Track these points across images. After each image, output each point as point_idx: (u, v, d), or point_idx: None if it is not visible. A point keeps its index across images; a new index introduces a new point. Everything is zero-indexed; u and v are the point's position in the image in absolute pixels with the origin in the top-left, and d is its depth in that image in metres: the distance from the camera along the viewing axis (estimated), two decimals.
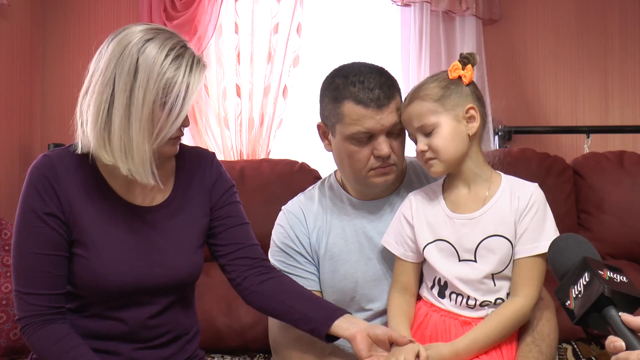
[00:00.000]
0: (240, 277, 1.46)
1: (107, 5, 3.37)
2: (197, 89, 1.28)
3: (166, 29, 1.32)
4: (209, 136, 3.29)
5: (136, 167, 1.27)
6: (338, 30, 3.42)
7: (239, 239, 1.48)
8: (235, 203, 1.50)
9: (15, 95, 3.09)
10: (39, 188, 1.31)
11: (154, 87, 1.23)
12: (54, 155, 1.35)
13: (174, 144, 1.36)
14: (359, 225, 1.53)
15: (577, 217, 2.16)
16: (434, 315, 1.39)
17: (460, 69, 1.38)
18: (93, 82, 1.27)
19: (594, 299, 0.93)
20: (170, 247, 1.39)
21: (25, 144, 3.16)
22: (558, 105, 3.43)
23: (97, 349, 1.35)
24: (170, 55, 1.25)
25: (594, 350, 1.95)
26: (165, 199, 1.42)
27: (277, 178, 2.18)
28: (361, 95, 1.40)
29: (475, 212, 1.36)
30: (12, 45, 3.08)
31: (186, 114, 1.30)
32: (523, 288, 1.33)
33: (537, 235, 1.33)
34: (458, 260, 1.36)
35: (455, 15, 3.33)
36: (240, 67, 3.28)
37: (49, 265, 1.32)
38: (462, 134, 1.36)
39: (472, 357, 1.31)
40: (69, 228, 1.33)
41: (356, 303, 1.53)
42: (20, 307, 1.32)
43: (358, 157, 1.43)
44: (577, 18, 3.42)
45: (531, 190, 1.37)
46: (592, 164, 2.22)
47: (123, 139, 1.25)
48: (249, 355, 2.00)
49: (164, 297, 1.40)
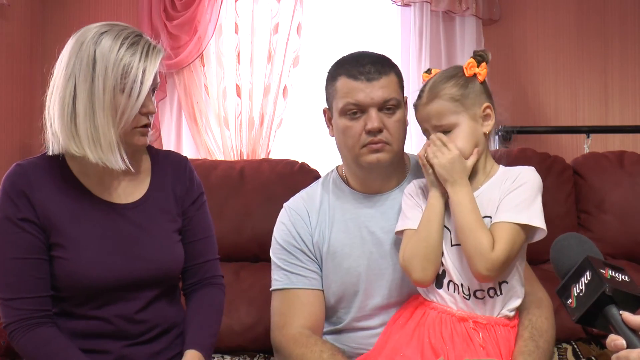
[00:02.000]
0: (188, 289, 1.53)
1: (107, 5, 3.38)
2: (154, 72, 1.33)
3: (121, 23, 1.38)
4: (209, 136, 3.30)
5: (105, 153, 1.31)
6: (338, 30, 3.43)
7: (195, 253, 1.52)
8: (201, 213, 1.53)
9: (15, 95, 3.09)
10: (12, 196, 1.33)
11: (112, 74, 1.29)
12: (26, 164, 1.38)
13: (142, 134, 1.38)
14: (361, 220, 1.53)
15: (577, 217, 2.16)
16: (431, 313, 1.40)
17: (476, 67, 1.39)
18: (56, 81, 1.34)
19: (595, 297, 0.94)
20: (149, 241, 1.42)
21: (25, 144, 3.16)
22: (558, 105, 3.44)
23: (87, 349, 1.35)
24: (124, 43, 1.31)
25: (594, 350, 1.95)
26: (141, 196, 1.44)
27: (277, 178, 2.18)
28: (353, 70, 1.45)
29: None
30: (12, 45, 3.08)
31: (151, 99, 1.36)
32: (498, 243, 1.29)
33: (520, 208, 1.31)
34: (451, 245, 1.37)
35: (455, 15, 3.33)
36: (240, 67, 3.29)
37: (29, 269, 1.33)
38: (478, 133, 1.38)
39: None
40: (45, 232, 1.35)
41: (359, 298, 1.53)
42: (6, 313, 1.33)
43: (351, 133, 1.46)
44: (577, 18, 3.42)
45: (521, 169, 1.38)
46: (592, 164, 2.22)
47: (89, 128, 1.30)
48: (248, 355, 2.00)
49: (147, 290, 1.41)
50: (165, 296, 1.45)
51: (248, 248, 2.12)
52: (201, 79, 3.31)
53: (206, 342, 1.44)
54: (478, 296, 1.36)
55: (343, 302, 1.54)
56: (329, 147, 1.63)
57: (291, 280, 1.54)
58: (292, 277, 1.54)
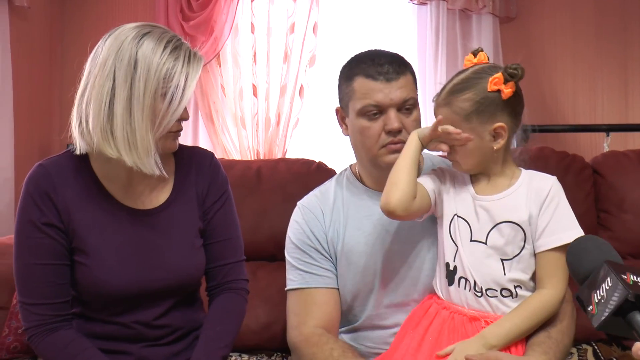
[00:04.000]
0: (209, 293, 1.51)
1: (124, 6, 3.40)
2: (196, 79, 1.30)
3: (158, 25, 1.35)
4: (225, 136, 3.31)
5: (141, 158, 1.28)
6: (354, 29, 3.42)
7: (214, 256, 1.49)
8: (223, 213, 1.50)
9: (34, 95, 3.13)
10: (35, 199, 1.31)
11: (154, 77, 1.25)
12: (48, 164, 1.35)
13: (175, 138, 1.37)
14: (376, 217, 1.53)
15: (596, 216, 2.14)
16: (442, 312, 1.39)
17: (502, 83, 1.31)
18: (91, 79, 1.28)
19: (617, 303, 0.90)
20: (170, 249, 1.39)
21: (44, 143, 3.19)
22: (576, 103, 3.40)
23: (107, 350, 1.35)
24: (168, 47, 1.28)
25: (615, 352, 1.92)
26: (164, 201, 1.42)
27: (294, 178, 2.18)
28: (370, 70, 1.45)
29: (494, 195, 1.37)
30: (32, 46, 3.11)
31: (185, 105, 1.31)
32: (550, 279, 1.33)
33: (559, 227, 1.32)
34: (470, 240, 1.37)
35: (472, 13, 3.31)
36: (257, 66, 3.29)
37: (50, 275, 1.32)
38: (484, 149, 1.35)
39: (503, 348, 1.31)
40: (68, 236, 1.33)
41: (374, 296, 1.53)
42: (26, 317, 1.33)
43: (369, 133, 1.45)
44: (596, 13, 3.37)
45: (550, 183, 1.36)
46: (612, 162, 2.20)
47: (126, 130, 1.26)
48: (265, 354, 2.00)
49: (167, 299, 1.40)
50: (184, 302, 1.45)
51: (265, 248, 2.13)
52: (218, 79, 3.32)
53: (216, 356, 1.40)
54: (490, 295, 1.35)
55: (358, 300, 1.54)
56: (346, 147, 1.63)
57: (306, 279, 1.54)
58: (307, 277, 1.54)
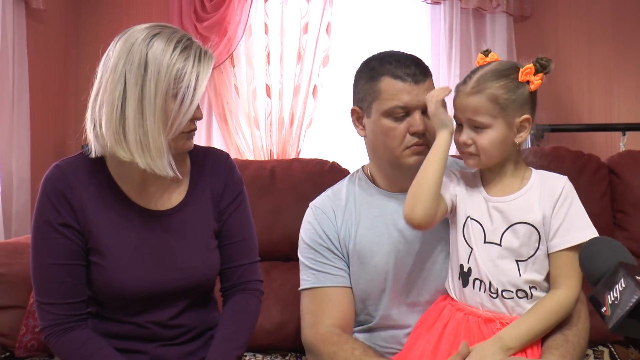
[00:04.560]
0: (223, 293, 1.51)
1: (138, 8, 3.43)
2: (207, 78, 1.29)
3: (169, 25, 1.34)
4: (239, 136, 3.32)
5: (154, 159, 1.27)
6: (368, 29, 3.42)
7: (229, 257, 1.49)
8: (238, 214, 1.49)
9: (50, 96, 3.16)
10: (52, 199, 1.32)
11: (165, 79, 1.25)
12: (65, 165, 1.36)
13: (189, 137, 1.36)
14: (389, 217, 1.53)
15: (612, 216, 2.12)
16: (457, 314, 1.39)
17: (532, 74, 1.34)
18: (103, 82, 1.28)
19: (632, 305, 0.90)
20: (185, 250, 1.39)
21: (59, 144, 3.23)
22: (592, 102, 3.37)
23: (122, 349, 1.36)
24: (178, 47, 1.26)
25: (633, 354, 1.90)
26: (179, 202, 1.42)
27: (308, 178, 2.18)
28: (398, 71, 1.44)
29: (507, 196, 1.36)
30: (47, 48, 3.14)
31: (197, 105, 1.31)
32: (564, 280, 1.32)
33: (573, 227, 1.32)
34: (484, 242, 1.36)
35: (486, 13, 3.30)
36: (270, 67, 3.30)
37: (66, 275, 1.33)
38: (509, 141, 1.35)
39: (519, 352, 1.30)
40: (84, 237, 1.34)
41: (386, 296, 1.53)
42: (42, 316, 1.34)
43: (394, 134, 1.45)
44: (612, 12, 3.34)
45: (562, 182, 1.36)
46: (629, 162, 2.17)
47: (138, 132, 1.25)
48: (280, 354, 2.01)
49: (182, 299, 1.40)
50: (199, 302, 1.45)
51: (279, 248, 2.13)
52: (231, 79, 3.33)
53: (231, 356, 1.40)
54: (505, 296, 1.34)
55: (370, 299, 1.54)
56: (360, 147, 1.63)
57: (319, 279, 1.54)
58: (320, 276, 1.54)
